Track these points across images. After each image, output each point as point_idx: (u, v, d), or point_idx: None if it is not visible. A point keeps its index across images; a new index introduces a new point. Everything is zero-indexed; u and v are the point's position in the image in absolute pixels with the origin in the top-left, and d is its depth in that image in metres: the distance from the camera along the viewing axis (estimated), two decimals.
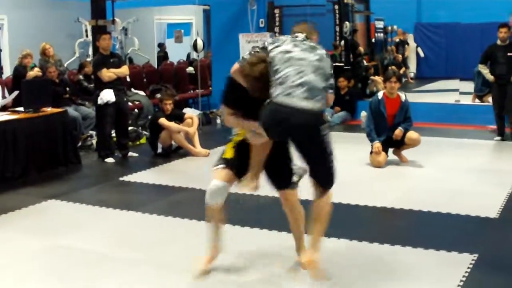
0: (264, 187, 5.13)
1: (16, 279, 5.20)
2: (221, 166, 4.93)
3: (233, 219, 5.80)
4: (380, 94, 9.42)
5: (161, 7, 19.38)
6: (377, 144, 9.13)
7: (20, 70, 11.05)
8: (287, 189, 5.06)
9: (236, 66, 4.79)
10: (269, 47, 4.73)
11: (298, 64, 4.58)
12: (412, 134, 9.28)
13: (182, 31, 20.43)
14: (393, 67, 14.71)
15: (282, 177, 5.06)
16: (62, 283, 5.11)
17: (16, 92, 9.95)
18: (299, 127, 4.50)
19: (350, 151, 10.24)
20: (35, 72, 10.83)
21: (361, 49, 16.76)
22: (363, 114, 10.92)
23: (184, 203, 7.65)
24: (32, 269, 5.42)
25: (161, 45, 20.59)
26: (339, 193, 7.55)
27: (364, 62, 16.67)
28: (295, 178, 5.08)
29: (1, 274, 5.33)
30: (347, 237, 6.05)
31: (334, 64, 14.81)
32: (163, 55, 20.16)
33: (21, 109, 9.26)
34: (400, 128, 9.19)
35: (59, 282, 5.13)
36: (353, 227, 6.49)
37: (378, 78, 15.01)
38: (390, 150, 9.41)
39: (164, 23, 21.87)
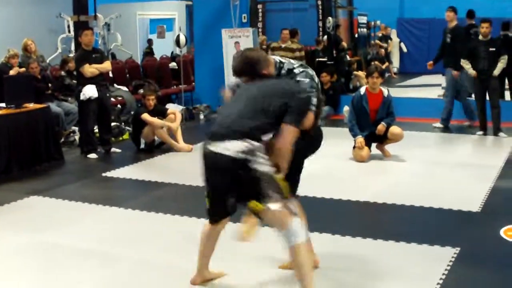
0: None
1: None
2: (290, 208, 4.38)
3: None
4: (362, 90, 9.43)
5: (143, 2, 19.35)
6: (360, 139, 9.14)
7: (4, 69, 10.96)
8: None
9: (311, 116, 4.61)
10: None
11: None
12: (394, 129, 9.30)
13: (165, 26, 20.38)
14: (376, 62, 14.76)
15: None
16: (44, 278, 5.10)
17: None
18: None
19: (333, 146, 10.21)
20: (15, 70, 10.76)
21: (344, 44, 16.80)
22: (346, 108, 10.95)
23: (167, 198, 7.64)
24: (14, 265, 5.41)
25: (149, 41, 20.55)
26: (322, 188, 7.65)
27: (347, 57, 16.71)
28: None
29: None
30: (329, 231, 6.06)
31: (317, 59, 14.98)
32: (149, 51, 20.12)
33: (3, 105, 9.21)
34: (382, 123, 9.21)
35: (41, 278, 5.12)
36: (336, 221, 6.51)
37: (361, 73, 15.06)
38: (373, 145, 9.43)
39: (146, 19, 21.80)
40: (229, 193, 4.36)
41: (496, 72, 10.91)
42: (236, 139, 4.19)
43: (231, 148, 4.17)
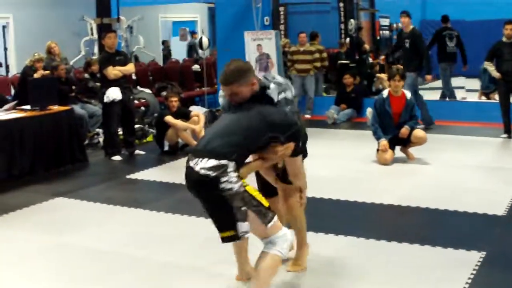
0: None
1: (24, 276, 5.23)
2: (275, 218, 4.34)
3: None
4: (385, 93, 9.40)
5: (166, 5, 19.38)
6: (384, 142, 9.11)
7: (28, 72, 11.02)
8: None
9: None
10: None
11: None
12: (418, 132, 9.26)
13: (187, 29, 20.45)
14: (398, 65, 14.71)
15: None
16: (69, 280, 5.12)
17: (14, 102, 9.84)
18: None
19: (356, 148, 10.26)
20: (39, 73, 10.81)
21: (367, 46, 16.78)
22: (369, 110, 10.91)
23: (191, 200, 7.54)
24: (39, 266, 5.44)
25: (164, 43, 20.61)
26: (345, 190, 7.64)
27: (370, 59, 16.67)
28: None
29: (9, 271, 5.36)
30: (353, 235, 6.05)
31: (339, 61, 14.99)
32: (166, 53, 20.19)
33: (28, 107, 9.27)
34: (406, 126, 9.17)
35: (66, 279, 5.15)
36: (359, 225, 6.50)
37: (384, 76, 15.01)
38: (397, 148, 9.39)
39: (169, 21, 21.88)
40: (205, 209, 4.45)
41: None
42: (209, 157, 4.17)
43: (202, 165, 4.17)
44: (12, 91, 12.41)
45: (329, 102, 13.66)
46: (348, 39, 16.02)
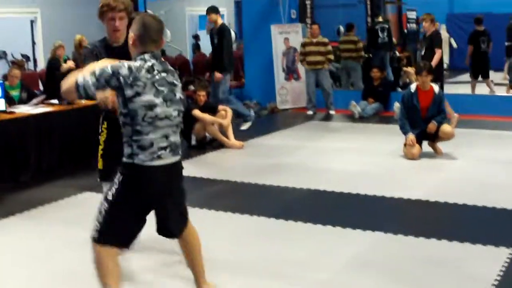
0: None
1: (53, 270, 5.26)
2: None
3: None
4: (413, 87, 9.34)
5: None
6: (411, 137, 9.06)
7: (54, 63, 11.12)
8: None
9: None
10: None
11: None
12: (445, 128, 9.20)
13: None
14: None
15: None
16: (96, 275, 5.14)
17: (43, 96, 9.91)
18: None
19: (383, 143, 10.23)
20: (69, 64, 10.89)
21: (394, 40, 16.67)
22: (397, 105, 10.88)
23: (219, 195, 7.67)
24: (69, 261, 5.48)
25: (195, 37, 20.65)
26: (373, 185, 7.63)
27: (397, 53, 16.58)
28: None
29: (38, 265, 5.40)
30: (381, 230, 6.04)
31: (366, 55, 14.93)
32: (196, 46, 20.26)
33: (56, 101, 9.33)
34: (433, 121, 9.11)
35: (88, 271, 5.17)
36: (387, 220, 6.48)
37: (411, 69, 14.92)
38: (425, 143, 9.33)
39: (195, 15, 21.89)
40: None
41: None
42: None
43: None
44: (41, 86, 12.50)
45: (354, 96, 13.61)
46: None
